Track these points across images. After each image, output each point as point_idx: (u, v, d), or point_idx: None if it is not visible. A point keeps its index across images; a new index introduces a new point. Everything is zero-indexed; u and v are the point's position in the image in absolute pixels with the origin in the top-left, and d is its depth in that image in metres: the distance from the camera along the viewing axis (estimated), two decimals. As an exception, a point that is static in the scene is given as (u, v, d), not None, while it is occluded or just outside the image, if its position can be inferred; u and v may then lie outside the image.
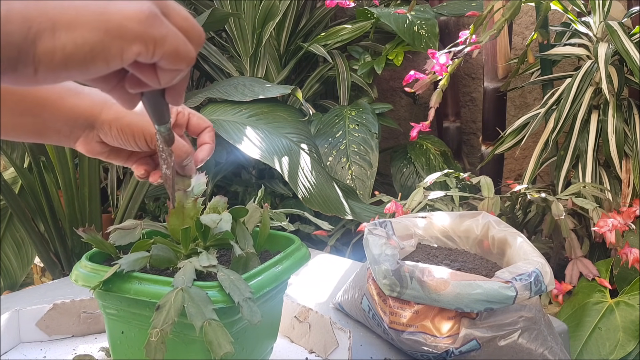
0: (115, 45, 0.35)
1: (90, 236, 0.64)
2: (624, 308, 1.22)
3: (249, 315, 0.54)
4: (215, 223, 0.61)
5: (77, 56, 0.35)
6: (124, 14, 0.36)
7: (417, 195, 1.31)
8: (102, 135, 0.61)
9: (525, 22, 1.95)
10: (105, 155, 0.63)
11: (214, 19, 1.70)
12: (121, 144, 0.61)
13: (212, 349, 0.52)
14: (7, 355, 0.76)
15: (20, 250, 1.85)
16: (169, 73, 0.40)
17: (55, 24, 0.34)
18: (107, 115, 0.60)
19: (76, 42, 0.34)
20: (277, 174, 1.82)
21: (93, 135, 0.61)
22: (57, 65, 0.35)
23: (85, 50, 0.35)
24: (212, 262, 0.58)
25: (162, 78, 0.40)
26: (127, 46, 0.36)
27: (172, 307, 0.53)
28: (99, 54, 0.35)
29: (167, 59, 0.38)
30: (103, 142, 0.62)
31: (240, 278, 0.57)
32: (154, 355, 0.52)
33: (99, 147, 0.62)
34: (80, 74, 0.36)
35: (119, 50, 0.36)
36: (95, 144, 0.62)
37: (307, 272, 1.08)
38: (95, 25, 0.35)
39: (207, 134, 0.67)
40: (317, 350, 0.77)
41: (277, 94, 1.65)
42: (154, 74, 0.40)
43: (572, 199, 1.28)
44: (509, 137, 1.58)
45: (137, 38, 0.36)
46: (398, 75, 2.24)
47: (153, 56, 0.37)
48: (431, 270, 0.74)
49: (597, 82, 1.42)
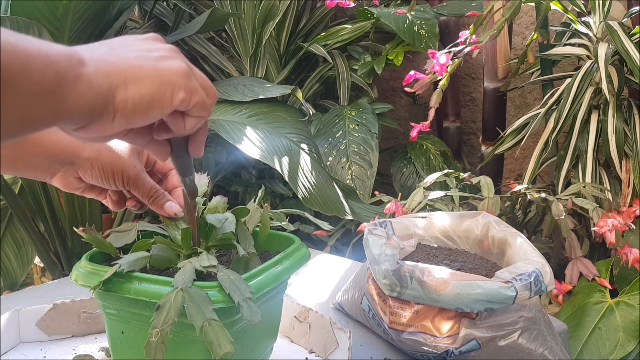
0: (168, 94, 0.45)
1: (90, 236, 0.64)
2: (624, 308, 1.22)
3: (249, 315, 0.54)
4: (221, 223, 0.61)
5: (142, 104, 0.44)
6: (172, 70, 0.46)
7: (417, 195, 1.31)
8: (81, 172, 0.62)
9: (525, 22, 1.95)
10: (81, 191, 0.65)
11: (214, 19, 1.70)
12: (99, 182, 0.62)
13: (212, 349, 0.52)
14: (7, 355, 0.76)
15: (20, 250, 1.85)
16: (193, 120, 0.49)
17: (126, 80, 0.43)
18: (89, 154, 0.61)
19: (141, 93, 0.43)
20: (277, 174, 1.82)
21: (72, 172, 0.62)
22: (129, 112, 0.43)
23: (148, 99, 0.44)
24: (213, 262, 0.58)
25: (187, 123, 0.49)
26: (176, 94, 0.46)
27: (172, 307, 0.53)
28: (157, 100, 0.45)
29: (197, 106, 0.48)
30: (80, 179, 0.63)
31: (240, 278, 0.57)
32: (154, 355, 0.52)
33: (76, 182, 0.63)
34: (143, 118, 0.45)
35: (170, 97, 0.45)
36: (73, 180, 0.63)
37: (307, 272, 1.08)
38: (153, 79, 0.44)
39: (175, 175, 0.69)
40: (317, 350, 0.77)
41: (277, 94, 1.65)
42: (182, 121, 0.49)
43: (572, 199, 1.28)
44: (509, 137, 1.58)
45: (182, 88, 0.46)
46: (398, 75, 2.24)
47: (189, 104, 0.47)
48: (431, 270, 0.74)
49: (597, 82, 1.41)
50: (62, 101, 0.38)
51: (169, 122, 0.49)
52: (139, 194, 0.64)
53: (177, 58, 0.48)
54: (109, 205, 0.67)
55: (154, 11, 2.04)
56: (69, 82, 0.38)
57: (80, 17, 1.48)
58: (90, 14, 1.50)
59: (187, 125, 0.49)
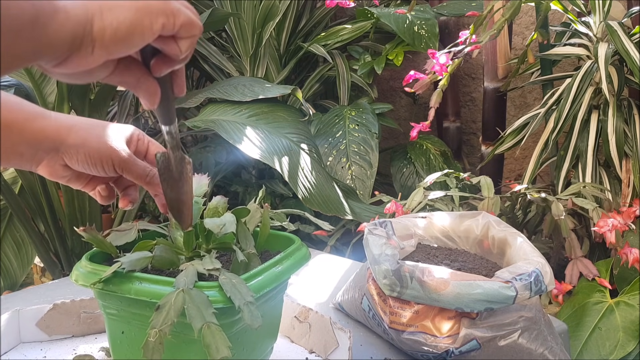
0: (146, 19, 0.45)
1: (90, 235, 0.64)
2: (624, 308, 1.22)
3: (250, 319, 0.54)
4: (219, 228, 0.61)
5: (120, 31, 0.43)
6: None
7: (417, 195, 1.31)
8: (67, 159, 0.60)
9: (525, 22, 1.95)
10: (67, 179, 0.63)
11: (214, 19, 1.70)
12: (86, 169, 0.61)
13: (210, 352, 0.52)
14: (7, 355, 0.76)
15: (20, 250, 1.85)
16: (186, 41, 0.48)
17: (101, 8, 0.43)
18: (74, 140, 0.59)
19: (118, 20, 0.43)
20: (277, 174, 1.82)
21: (57, 159, 0.61)
22: (108, 40, 0.43)
23: (126, 25, 0.43)
24: (216, 265, 0.58)
25: (182, 45, 0.48)
26: (154, 19, 0.45)
27: (172, 307, 0.53)
28: (135, 27, 0.44)
29: (185, 27, 0.47)
30: (66, 166, 0.61)
31: (242, 281, 0.57)
32: (151, 355, 0.52)
33: (62, 170, 0.62)
34: (123, 46, 0.44)
35: (149, 23, 0.45)
36: (59, 167, 0.61)
37: (307, 272, 1.08)
38: (129, 6, 0.44)
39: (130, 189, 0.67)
40: (317, 350, 0.77)
41: (277, 94, 1.65)
42: (176, 45, 0.48)
43: (572, 199, 1.28)
44: (509, 137, 1.58)
45: (161, 12, 0.45)
46: (398, 75, 2.24)
47: (174, 26, 0.46)
48: (431, 270, 0.74)
49: (597, 82, 1.42)
50: (43, 32, 0.39)
51: (163, 49, 0.49)
52: (132, 176, 0.62)
53: None
54: (97, 199, 0.65)
55: (154, 11, 2.04)
56: (47, 14, 0.39)
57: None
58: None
59: (182, 47, 0.48)
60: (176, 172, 0.59)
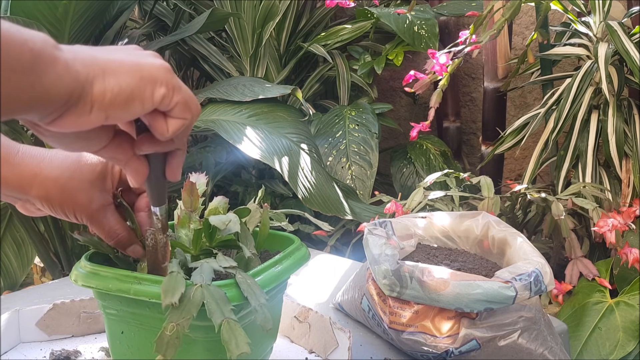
0: (149, 88, 0.44)
1: (86, 238, 0.64)
2: (624, 308, 1.21)
3: (263, 321, 0.54)
4: (224, 224, 0.60)
5: (121, 96, 0.43)
6: (154, 65, 0.45)
7: (417, 195, 1.31)
8: (37, 205, 0.59)
9: (525, 22, 1.95)
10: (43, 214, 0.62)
11: (214, 19, 1.70)
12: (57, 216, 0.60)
13: (229, 348, 0.51)
14: (7, 355, 0.76)
15: (20, 250, 1.85)
16: (176, 121, 0.47)
17: (105, 71, 0.42)
18: (37, 193, 0.58)
19: (120, 85, 0.42)
20: (277, 174, 1.82)
21: (29, 204, 0.60)
22: (107, 104, 0.42)
23: (127, 92, 0.43)
24: (233, 264, 0.58)
25: (170, 125, 0.47)
26: (157, 89, 0.45)
27: (191, 302, 0.52)
28: (137, 95, 0.44)
29: (179, 105, 0.46)
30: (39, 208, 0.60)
31: (255, 283, 0.57)
32: (164, 351, 0.50)
33: (37, 211, 0.61)
34: (122, 112, 0.43)
35: (150, 92, 0.44)
36: (33, 209, 0.60)
37: (307, 272, 1.08)
38: (134, 73, 0.44)
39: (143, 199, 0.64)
40: (317, 350, 0.77)
41: (277, 94, 1.65)
42: (164, 123, 0.47)
43: (572, 199, 1.28)
44: (509, 137, 1.58)
45: (164, 83, 0.45)
46: (398, 75, 2.24)
47: (171, 101, 0.46)
48: (431, 270, 0.74)
49: (597, 82, 1.41)
50: (39, 80, 0.38)
51: (150, 124, 0.47)
52: (98, 233, 0.60)
53: (159, 58, 0.47)
54: None
55: (153, 11, 2.04)
56: (45, 62, 0.38)
57: (80, 17, 1.48)
58: (90, 14, 1.50)
59: (170, 128, 0.47)
60: (160, 254, 0.60)
